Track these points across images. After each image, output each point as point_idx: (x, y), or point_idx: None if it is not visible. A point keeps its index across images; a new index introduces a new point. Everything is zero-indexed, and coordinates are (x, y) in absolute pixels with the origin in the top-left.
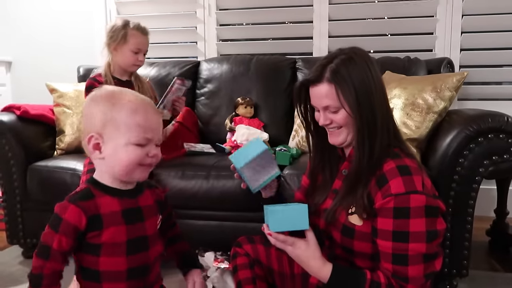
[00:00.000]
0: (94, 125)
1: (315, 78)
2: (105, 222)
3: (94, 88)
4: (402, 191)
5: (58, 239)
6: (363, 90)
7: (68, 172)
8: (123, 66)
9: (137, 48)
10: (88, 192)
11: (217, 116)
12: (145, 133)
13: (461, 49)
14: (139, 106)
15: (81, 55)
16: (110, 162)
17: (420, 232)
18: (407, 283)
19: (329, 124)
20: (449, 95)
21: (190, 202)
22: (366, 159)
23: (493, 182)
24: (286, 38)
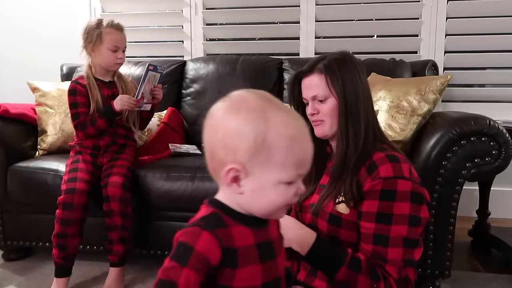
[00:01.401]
0: (236, 153)
1: (307, 69)
2: (240, 259)
3: (77, 91)
4: (391, 175)
5: (186, 275)
6: (351, 86)
7: (50, 173)
8: (104, 66)
9: (114, 46)
10: (219, 219)
11: (203, 116)
12: (300, 168)
13: (445, 51)
14: (297, 131)
15: (64, 53)
16: (249, 199)
17: (404, 215)
18: (385, 264)
19: (315, 114)
20: (433, 98)
21: (175, 204)
22: (352, 148)
23: (475, 183)
24: (273, 38)
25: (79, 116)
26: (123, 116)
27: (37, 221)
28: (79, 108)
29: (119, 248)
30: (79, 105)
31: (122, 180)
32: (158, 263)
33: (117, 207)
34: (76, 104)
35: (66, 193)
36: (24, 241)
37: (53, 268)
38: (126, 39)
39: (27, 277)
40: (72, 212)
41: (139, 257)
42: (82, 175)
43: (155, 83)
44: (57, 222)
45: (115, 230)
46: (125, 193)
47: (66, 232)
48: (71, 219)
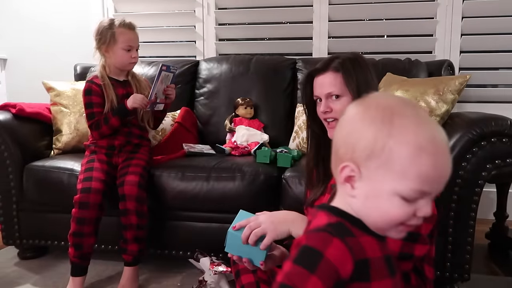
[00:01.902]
0: (354, 151)
1: (321, 67)
2: (372, 272)
3: (93, 91)
4: None
5: (314, 283)
6: (364, 85)
7: (65, 172)
8: (119, 66)
9: (128, 45)
10: (345, 227)
11: (216, 116)
12: (425, 184)
13: (460, 51)
14: (428, 142)
15: (78, 52)
16: (362, 205)
17: None
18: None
19: (328, 112)
20: (451, 98)
21: (190, 204)
22: None
23: (492, 184)
24: (285, 38)
25: (94, 116)
26: (138, 115)
27: (52, 220)
28: (94, 108)
29: (133, 247)
30: (94, 105)
31: (138, 179)
32: (172, 263)
33: (133, 206)
34: (91, 104)
35: (82, 192)
36: (39, 239)
37: (68, 267)
38: (138, 38)
39: (42, 275)
40: (88, 211)
41: (154, 257)
42: (98, 174)
43: (168, 83)
44: (73, 221)
45: (130, 229)
46: (141, 192)
47: (82, 231)
48: (86, 218)
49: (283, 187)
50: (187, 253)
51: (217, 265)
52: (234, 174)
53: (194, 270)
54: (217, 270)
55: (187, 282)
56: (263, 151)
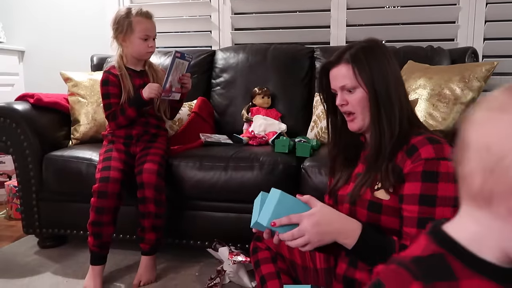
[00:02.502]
0: None
1: (335, 60)
2: None
3: (110, 82)
4: (432, 156)
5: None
6: (380, 75)
7: (84, 162)
8: (136, 56)
9: (145, 34)
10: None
11: (233, 106)
12: None
13: (484, 38)
14: None
15: (94, 43)
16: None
17: (448, 197)
18: None
19: (344, 105)
20: (477, 86)
21: (208, 194)
22: (387, 136)
23: None
24: (302, 27)
25: (111, 107)
26: (155, 105)
27: (71, 209)
28: (111, 98)
29: (151, 236)
30: (111, 95)
31: (157, 167)
32: (190, 253)
33: (151, 194)
34: (108, 95)
35: (100, 182)
36: (59, 229)
37: (88, 256)
38: (155, 27)
39: (62, 264)
40: (107, 201)
41: (172, 246)
42: (116, 163)
43: (184, 72)
44: (92, 211)
45: (148, 217)
46: (160, 180)
47: (101, 220)
48: (105, 208)
49: (302, 177)
50: (205, 243)
51: (236, 254)
52: (252, 164)
53: (212, 260)
54: (236, 259)
55: (205, 272)
56: (281, 141)
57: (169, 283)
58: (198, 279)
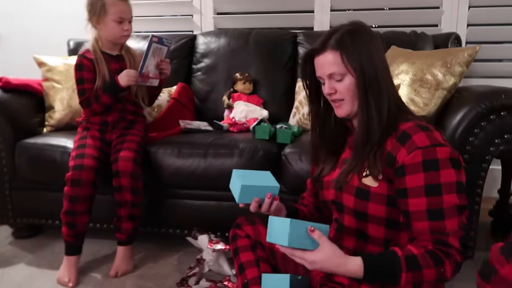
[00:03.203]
0: None
1: (320, 46)
2: None
3: (84, 66)
4: (428, 143)
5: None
6: (367, 59)
7: (58, 150)
8: (111, 39)
9: (119, 17)
10: None
11: (214, 92)
12: None
13: (468, 24)
14: None
15: (71, 28)
16: None
17: (451, 183)
18: (448, 237)
19: (333, 93)
20: (459, 71)
21: (187, 182)
22: (376, 122)
23: (495, 161)
24: (286, 12)
25: (85, 93)
26: (132, 91)
27: (46, 198)
28: (85, 84)
29: (127, 225)
30: (85, 81)
31: (133, 155)
32: (169, 242)
33: (127, 182)
34: (82, 80)
35: (74, 170)
36: (33, 218)
37: (63, 246)
38: (131, 9)
39: (37, 255)
40: (81, 189)
41: (150, 235)
42: (90, 151)
43: (162, 57)
44: (66, 200)
45: (125, 206)
46: (136, 168)
47: (75, 209)
48: (79, 196)
49: (282, 164)
50: (185, 231)
51: (215, 243)
52: (232, 151)
53: (192, 249)
54: (215, 248)
55: (184, 261)
56: (262, 127)
57: (147, 272)
58: (177, 268)
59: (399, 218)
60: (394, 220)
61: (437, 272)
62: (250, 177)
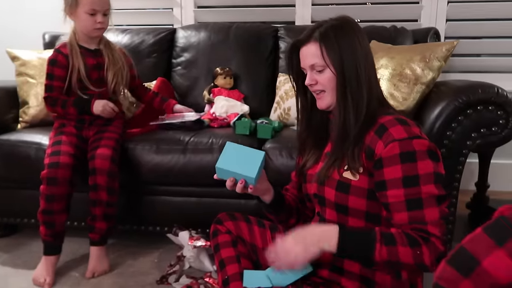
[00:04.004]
0: None
1: (304, 38)
2: None
3: (57, 62)
4: (405, 135)
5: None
6: (349, 54)
7: (32, 146)
8: (85, 32)
9: (91, 8)
10: None
11: (195, 87)
12: None
13: (447, 19)
14: None
15: (47, 20)
16: None
17: (429, 174)
18: (426, 225)
19: (314, 84)
20: (437, 65)
21: (166, 178)
22: (352, 119)
23: (473, 155)
24: (267, 6)
25: (52, 90)
26: (109, 89)
27: (21, 196)
28: (54, 81)
29: (101, 225)
30: (55, 77)
31: (110, 153)
32: (149, 239)
33: (103, 181)
34: (52, 76)
35: (49, 167)
36: (8, 217)
37: (40, 246)
38: (107, 1)
39: (12, 254)
40: (57, 188)
41: (129, 233)
42: (66, 148)
43: None
44: (42, 199)
45: (99, 205)
46: (113, 166)
47: (52, 208)
48: (56, 195)
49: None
50: (165, 228)
51: (196, 239)
52: (211, 147)
53: (172, 246)
54: (196, 244)
55: (164, 258)
56: (242, 122)
57: (127, 270)
58: (157, 265)
59: (378, 212)
60: (374, 214)
61: (414, 254)
62: (235, 157)
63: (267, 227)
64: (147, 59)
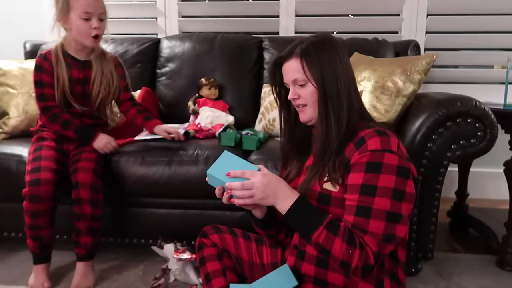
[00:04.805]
0: None
1: (286, 54)
2: None
3: (43, 69)
4: (378, 147)
5: None
6: (330, 70)
7: (12, 158)
8: (80, 40)
9: (84, 11)
10: None
11: (179, 97)
12: None
13: (426, 31)
14: None
15: (28, 29)
16: None
17: (388, 188)
18: (365, 234)
19: (296, 99)
20: (418, 78)
21: (151, 190)
22: (334, 131)
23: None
24: (252, 16)
25: (45, 98)
26: (92, 106)
27: (1, 210)
28: (44, 88)
29: (87, 240)
30: (44, 85)
31: (93, 166)
32: (134, 252)
33: (87, 194)
34: (41, 83)
35: (30, 185)
36: None
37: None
38: (102, 4)
39: None
40: (40, 205)
41: (114, 245)
42: (47, 163)
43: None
44: (27, 215)
45: (84, 219)
46: (96, 179)
47: (38, 224)
48: (41, 211)
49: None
50: (150, 240)
51: (181, 252)
52: (197, 158)
53: (157, 258)
54: (181, 257)
55: (149, 271)
56: (227, 134)
57: (111, 285)
58: (142, 279)
59: None
60: None
61: (346, 252)
62: (228, 167)
63: (252, 239)
64: (131, 69)
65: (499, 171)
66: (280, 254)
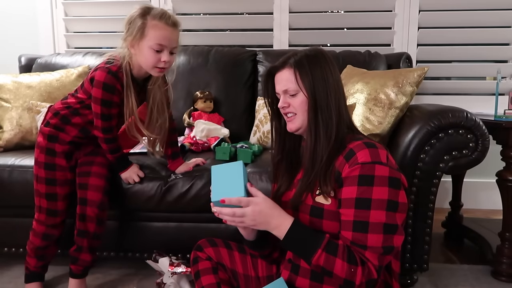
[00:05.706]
0: None
1: (279, 64)
2: None
3: (116, 90)
4: (368, 160)
5: None
6: (321, 82)
7: (5, 169)
8: (144, 67)
9: (157, 44)
10: None
11: (174, 110)
12: None
13: (418, 44)
14: None
15: (22, 43)
16: None
17: (382, 200)
18: (365, 250)
19: (286, 107)
20: (410, 90)
21: (146, 204)
22: (323, 143)
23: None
24: (245, 30)
25: (110, 118)
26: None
27: None
28: (112, 108)
29: (86, 257)
30: (113, 104)
31: (103, 184)
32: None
33: (93, 213)
34: (110, 104)
35: (48, 215)
36: None
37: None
38: (177, 38)
39: None
40: (55, 230)
41: (108, 259)
42: (62, 190)
43: None
44: (38, 237)
45: (87, 237)
46: (105, 198)
47: (48, 245)
48: (54, 235)
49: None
50: (144, 254)
51: (176, 265)
52: (192, 173)
53: (152, 272)
54: (176, 271)
55: (144, 285)
56: (222, 148)
57: None
58: None
59: None
60: None
61: (348, 270)
62: (221, 181)
63: (247, 252)
64: None
65: (491, 181)
66: (275, 267)
